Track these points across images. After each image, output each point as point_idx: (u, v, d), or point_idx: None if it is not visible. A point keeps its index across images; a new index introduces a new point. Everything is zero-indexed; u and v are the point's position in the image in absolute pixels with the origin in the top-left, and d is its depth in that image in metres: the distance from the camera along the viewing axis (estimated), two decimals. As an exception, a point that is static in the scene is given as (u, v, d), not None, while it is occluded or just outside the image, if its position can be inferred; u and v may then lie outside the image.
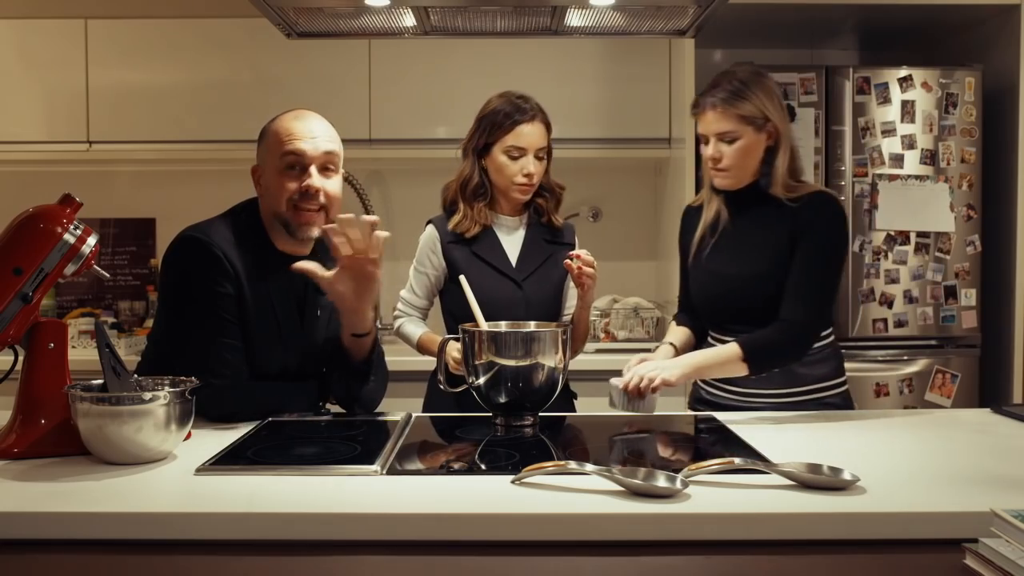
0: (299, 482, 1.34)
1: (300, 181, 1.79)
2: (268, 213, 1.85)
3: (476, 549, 1.20)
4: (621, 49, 3.40)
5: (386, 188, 3.66)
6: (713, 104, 1.95)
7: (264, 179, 1.84)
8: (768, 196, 1.98)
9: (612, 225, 3.59)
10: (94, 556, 1.20)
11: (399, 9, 1.93)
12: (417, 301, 2.31)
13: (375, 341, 1.88)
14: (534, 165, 2.17)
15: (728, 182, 1.99)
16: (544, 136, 2.19)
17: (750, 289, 1.97)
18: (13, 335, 1.53)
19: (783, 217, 1.96)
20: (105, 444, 1.44)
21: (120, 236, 3.69)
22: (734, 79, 1.96)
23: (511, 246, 2.25)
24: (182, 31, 3.38)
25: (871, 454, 1.55)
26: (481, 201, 2.24)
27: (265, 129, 1.86)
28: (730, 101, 1.94)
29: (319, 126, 1.82)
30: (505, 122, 2.17)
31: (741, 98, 1.94)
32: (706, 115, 1.96)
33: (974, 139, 3.16)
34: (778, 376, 1.97)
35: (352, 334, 1.82)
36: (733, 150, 1.95)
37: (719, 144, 1.96)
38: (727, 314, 2.03)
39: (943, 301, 3.17)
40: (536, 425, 1.77)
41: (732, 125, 1.94)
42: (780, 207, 1.97)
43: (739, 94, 1.94)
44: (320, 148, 1.80)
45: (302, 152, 1.79)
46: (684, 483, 1.28)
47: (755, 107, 1.93)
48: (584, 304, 2.15)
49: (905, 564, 1.18)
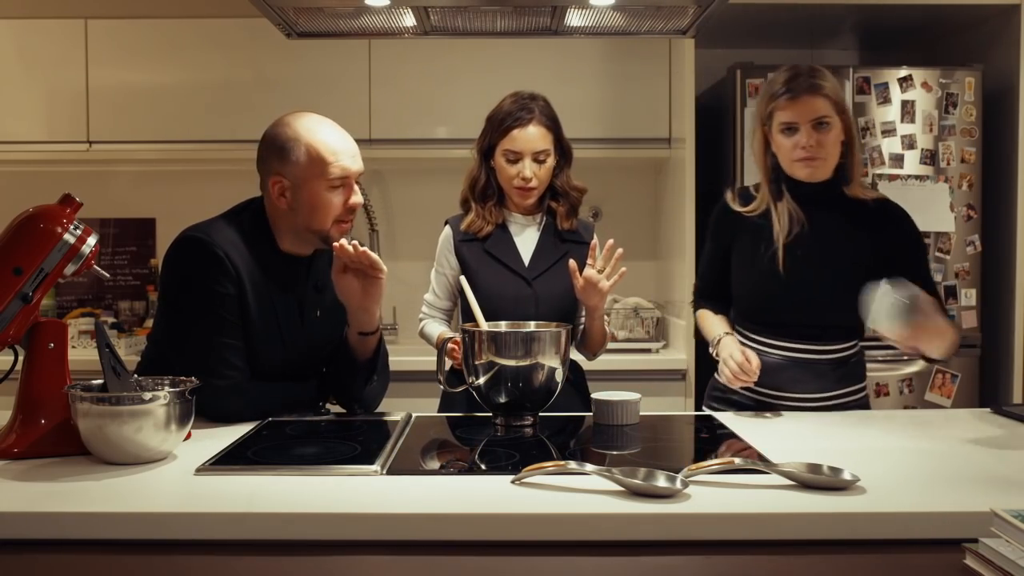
0: (299, 482, 1.34)
1: (344, 197, 1.80)
2: (297, 224, 1.82)
3: (476, 549, 1.20)
4: (621, 49, 3.40)
5: (386, 188, 3.66)
6: (808, 86, 1.89)
7: (302, 194, 1.78)
8: (842, 197, 1.95)
9: (612, 225, 3.58)
10: (94, 556, 1.20)
11: (399, 9, 1.93)
12: (439, 302, 2.30)
13: (380, 340, 1.89)
14: (531, 168, 2.15)
15: (817, 172, 1.93)
16: (544, 138, 2.16)
17: (829, 298, 1.94)
18: (13, 335, 1.53)
19: (862, 224, 1.93)
20: (105, 444, 1.44)
21: (120, 236, 3.69)
22: (808, 69, 1.92)
23: (525, 244, 2.23)
24: (182, 31, 3.38)
25: (871, 454, 1.55)
26: (490, 201, 2.24)
27: (290, 139, 1.78)
28: (818, 83, 1.89)
29: (352, 142, 1.83)
30: (501, 126, 2.17)
31: (826, 80, 1.90)
32: (799, 99, 1.89)
33: (974, 139, 3.16)
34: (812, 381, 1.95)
35: (359, 332, 1.83)
36: (827, 137, 1.90)
37: (812, 131, 1.89)
38: (789, 319, 1.98)
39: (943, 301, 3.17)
40: (536, 425, 1.77)
41: (825, 108, 1.89)
42: (858, 209, 1.94)
43: (823, 77, 1.90)
44: (360, 164, 1.83)
45: (351, 173, 1.80)
46: (684, 483, 1.28)
47: (836, 90, 1.91)
48: (591, 313, 2.13)
49: (905, 564, 1.18)
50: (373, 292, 1.78)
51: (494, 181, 2.23)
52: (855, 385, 2.02)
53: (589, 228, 2.31)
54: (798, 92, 1.90)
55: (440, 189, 3.15)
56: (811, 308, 1.96)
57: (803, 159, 1.91)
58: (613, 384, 2.10)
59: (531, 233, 2.25)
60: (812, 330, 1.96)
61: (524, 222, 2.26)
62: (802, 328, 1.97)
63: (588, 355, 2.28)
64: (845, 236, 1.95)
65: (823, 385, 1.98)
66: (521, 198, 2.20)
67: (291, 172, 1.78)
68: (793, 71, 1.94)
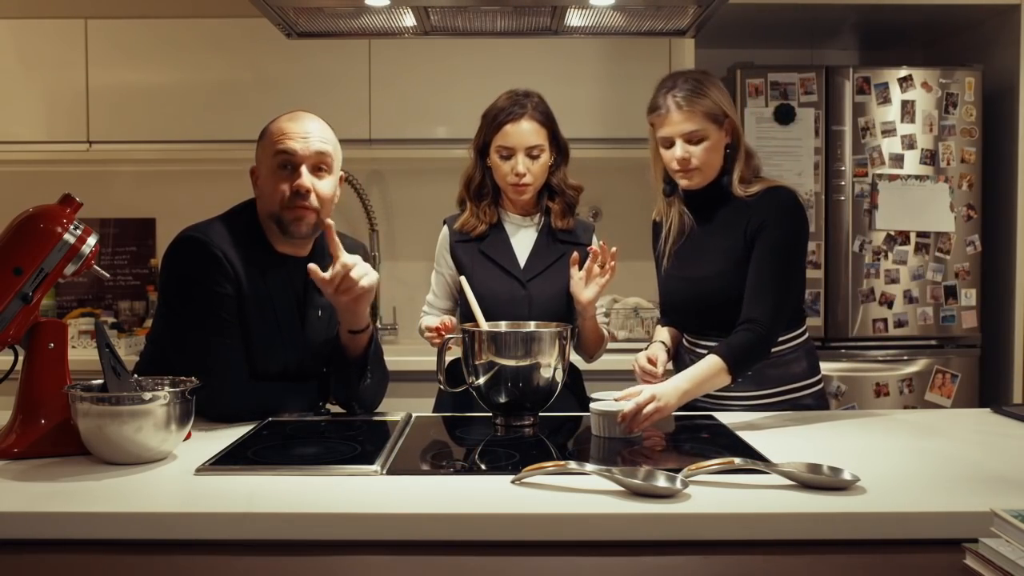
0: (299, 482, 1.34)
1: (292, 181, 1.79)
2: (264, 214, 1.85)
3: (476, 549, 1.20)
4: (621, 49, 3.40)
5: (386, 188, 3.66)
6: (678, 104, 1.92)
7: (260, 179, 1.84)
8: (728, 195, 1.99)
9: (612, 225, 3.58)
10: (94, 556, 1.20)
11: (399, 9, 1.93)
12: (438, 303, 2.29)
13: (372, 338, 1.87)
14: (524, 164, 2.13)
15: (695, 183, 1.99)
16: (537, 134, 2.14)
17: (716, 291, 1.98)
18: (13, 335, 1.53)
19: (740, 215, 1.96)
20: (105, 444, 1.44)
21: (120, 236, 3.69)
22: (687, 78, 1.95)
23: (521, 245, 2.22)
24: (182, 31, 3.38)
25: (871, 454, 1.55)
26: (485, 200, 2.23)
27: (264, 130, 1.86)
28: (692, 99, 1.92)
29: (313, 126, 1.82)
30: (494, 121, 2.16)
31: (702, 95, 1.93)
32: (671, 116, 1.93)
33: (974, 139, 3.16)
34: (749, 378, 1.95)
35: (348, 330, 1.82)
36: (701, 150, 1.94)
37: (686, 145, 1.94)
38: (698, 319, 2.05)
39: (943, 301, 3.17)
40: (536, 425, 1.77)
41: (699, 124, 1.93)
42: (739, 205, 1.97)
43: (698, 91, 1.93)
44: (312, 148, 1.80)
45: (293, 151, 1.78)
46: (684, 483, 1.28)
47: (714, 103, 1.93)
48: (582, 313, 2.11)
49: (905, 564, 1.18)
50: (360, 299, 1.76)
51: (490, 180, 2.22)
52: (797, 383, 2.00)
53: (588, 229, 2.29)
54: (666, 109, 1.94)
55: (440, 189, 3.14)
56: (707, 305, 2.00)
57: (677, 172, 1.98)
58: (613, 384, 2.10)
59: (528, 234, 2.24)
60: (719, 328, 1.96)
61: (520, 222, 2.24)
62: (709, 327, 2.01)
63: (585, 357, 2.27)
64: (723, 231, 1.99)
65: (758, 383, 1.98)
66: (516, 194, 2.18)
67: (257, 159, 1.84)
68: (666, 85, 1.97)
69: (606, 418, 1.68)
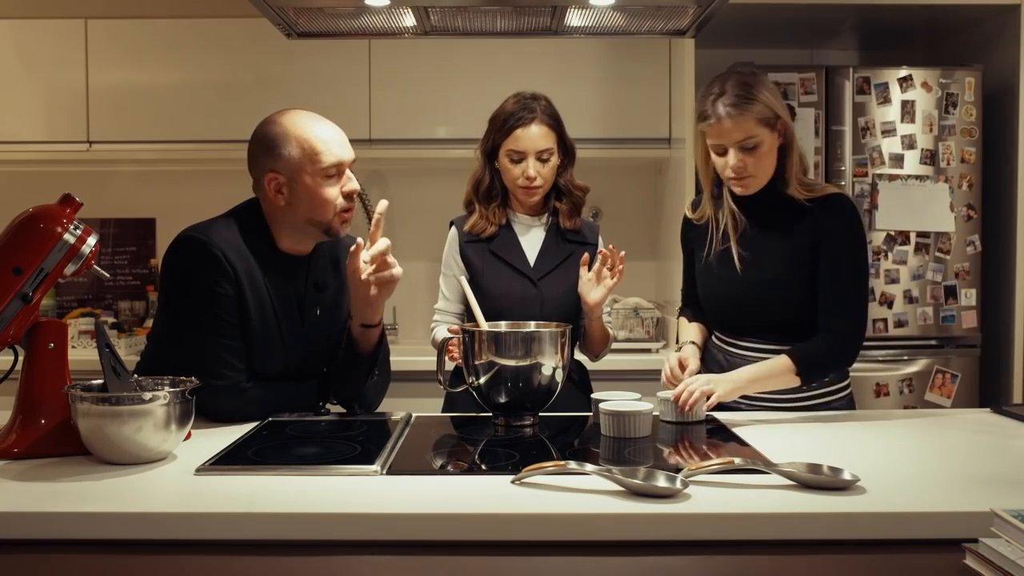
0: (299, 482, 1.34)
1: (341, 187, 1.81)
2: (297, 219, 1.82)
3: (476, 549, 1.20)
4: (621, 49, 3.40)
5: (386, 188, 3.66)
6: (729, 112, 1.87)
7: (299, 188, 1.79)
8: (783, 197, 1.96)
9: (612, 225, 3.58)
10: (94, 556, 1.20)
11: (399, 9, 1.93)
12: (450, 306, 2.29)
13: (382, 335, 1.89)
14: (535, 167, 2.16)
15: (751, 190, 1.95)
16: (547, 137, 2.17)
17: (772, 293, 1.95)
18: (13, 335, 1.53)
19: (801, 219, 1.94)
20: (105, 444, 1.44)
21: (120, 236, 3.69)
22: (737, 82, 1.90)
23: (530, 245, 2.24)
24: (182, 31, 3.38)
25: (871, 454, 1.55)
26: (494, 202, 2.24)
27: (280, 136, 1.79)
28: (742, 105, 1.87)
29: (338, 130, 1.84)
30: (504, 126, 2.18)
31: (752, 100, 1.87)
32: (722, 125, 1.88)
33: (974, 139, 3.16)
34: None
35: (362, 324, 1.83)
36: (755, 156, 1.90)
37: (740, 153, 1.90)
38: (743, 318, 2.01)
39: (943, 301, 3.17)
40: (536, 425, 1.77)
41: (751, 130, 1.88)
42: (797, 209, 1.94)
43: (748, 96, 1.88)
44: (351, 152, 1.83)
45: (344, 161, 1.80)
46: (684, 483, 1.28)
47: (765, 107, 1.88)
48: (589, 313, 2.13)
49: (905, 564, 1.18)
50: (384, 289, 1.80)
51: (498, 182, 2.24)
52: (833, 385, 2.00)
53: (593, 229, 2.31)
54: (716, 117, 1.89)
55: (440, 189, 3.15)
56: (758, 306, 1.98)
57: (732, 179, 1.95)
58: (613, 384, 2.10)
59: (536, 233, 2.26)
60: (768, 329, 1.96)
61: (529, 222, 2.26)
62: (758, 327, 1.99)
63: (591, 356, 2.29)
64: (782, 235, 1.96)
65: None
66: (526, 196, 2.21)
67: (285, 167, 1.78)
68: (711, 90, 1.92)
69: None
